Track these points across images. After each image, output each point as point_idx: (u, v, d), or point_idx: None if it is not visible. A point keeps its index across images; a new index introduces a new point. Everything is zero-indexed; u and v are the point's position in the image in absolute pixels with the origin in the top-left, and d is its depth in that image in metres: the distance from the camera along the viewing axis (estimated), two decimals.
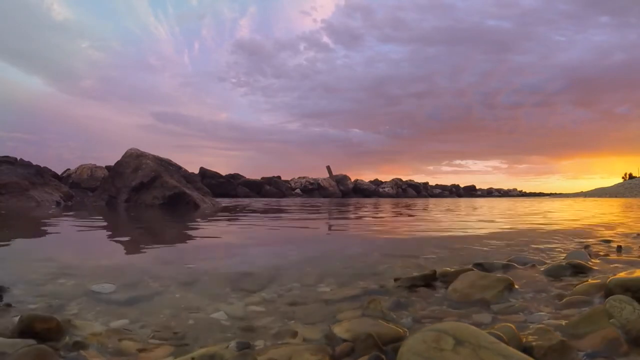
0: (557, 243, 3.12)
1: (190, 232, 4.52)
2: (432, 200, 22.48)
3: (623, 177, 39.75)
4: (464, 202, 19.55)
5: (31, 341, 1.03)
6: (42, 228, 4.64)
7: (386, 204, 14.48)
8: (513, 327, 1.06)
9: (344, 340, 1.07)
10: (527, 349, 0.97)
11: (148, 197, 9.82)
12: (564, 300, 1.43)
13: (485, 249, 2.84)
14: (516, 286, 1.65)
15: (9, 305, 1.39)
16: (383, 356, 0.93)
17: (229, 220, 6.21)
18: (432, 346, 0.83)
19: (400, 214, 8.05)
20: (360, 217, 7.10)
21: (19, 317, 1.15)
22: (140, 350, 1.05)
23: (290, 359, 0.94)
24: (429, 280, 1.77)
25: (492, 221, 5.69)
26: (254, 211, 8.50)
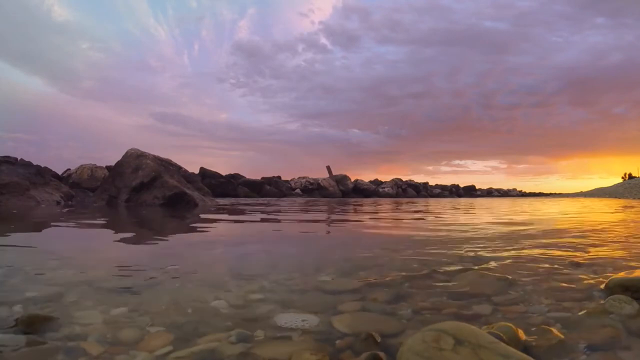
0: (559, 239, 3.12)
1: (191, 228, 4.53)
2: (432, 200, 22.48)
3: (623, 177, 39.72)
4: (464, 202, 19.54)
5: (31, 335, 1.03)
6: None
7: (387, 204, 14.48)
8: (512, 326, 1.06)
9: (344, 334, 1.08)
10: (527, 348, 0.98)
11: (148, 197, 9.82)
12: (564, 293, 1.44)
13: (486, 247, 2.84)
14: (517, 280, 1.65)
15: None
16: (382, 355, 0.93)
17: (230, 216, 6.22)
18: (432, 346, 0.83)
19: (401, 212, 8.06)
20: (361, 215, 7.10)
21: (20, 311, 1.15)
22: (140, 340, 1.05)
23: (290, 358, 0.94)
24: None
25: (497, 219, 5.69)
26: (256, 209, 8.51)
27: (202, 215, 6.79)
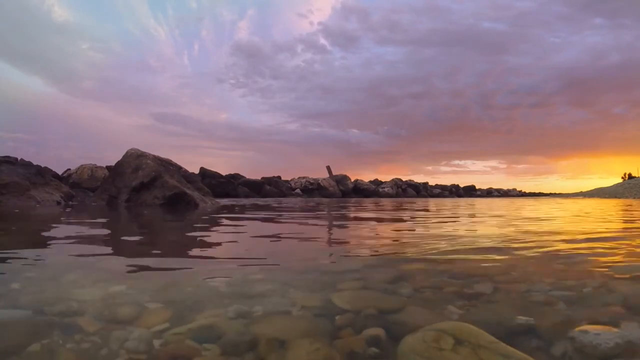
0: (562, 235, 3.12)
1: (191, 223, 4.54)
2: (432, 201, 22.47)
3: (622, 177, 39.65)
4: (464, 202, 19.53)
5: (27, 312, 1.04)
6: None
7: (387, 204, 14.49)
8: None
9: (344, 310, 1.07)
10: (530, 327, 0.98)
11: (148, 197, 9.82)
12: (565, 271, 1.44)
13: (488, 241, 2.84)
14: (518, 262, 1.65)
15: None
16: (381, 333, 0.94)
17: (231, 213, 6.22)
18: (432, 346, 0.83)
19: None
20: (361, 213, 7.10)
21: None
22: (137, 317, 1.03)
23: (288, 349, 0.94)
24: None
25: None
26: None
27: (204, 215, 6.80)
